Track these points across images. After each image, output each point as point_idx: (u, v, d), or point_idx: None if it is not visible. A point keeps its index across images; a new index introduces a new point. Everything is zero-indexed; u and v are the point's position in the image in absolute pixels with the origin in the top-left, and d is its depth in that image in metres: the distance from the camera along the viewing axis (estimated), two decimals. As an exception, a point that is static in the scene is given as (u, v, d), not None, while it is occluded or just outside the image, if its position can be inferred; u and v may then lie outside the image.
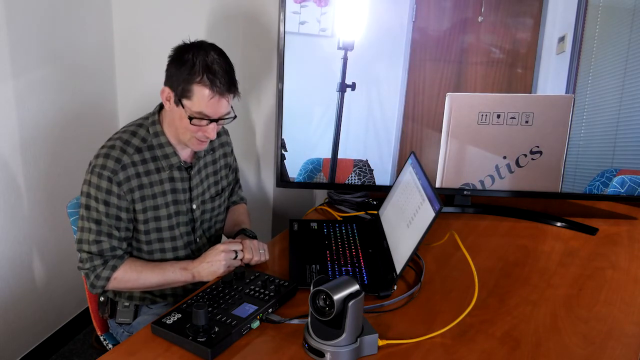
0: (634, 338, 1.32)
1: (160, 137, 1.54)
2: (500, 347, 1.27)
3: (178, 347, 1.23)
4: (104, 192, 1.47)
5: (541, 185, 1.93)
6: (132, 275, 1.52)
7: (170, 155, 1.55)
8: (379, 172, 1.95)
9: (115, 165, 1.48)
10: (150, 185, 1.53)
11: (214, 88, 1.41)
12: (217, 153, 1.71)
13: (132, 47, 2.37)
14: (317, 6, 1.80)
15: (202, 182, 1.65)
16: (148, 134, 1.55)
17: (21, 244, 2.10)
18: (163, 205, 1.56)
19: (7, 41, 1.89)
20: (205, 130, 1.47)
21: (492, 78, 1.85)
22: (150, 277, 1.53)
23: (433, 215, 1.36)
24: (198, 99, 1.42)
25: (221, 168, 1.73)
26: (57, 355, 2.35)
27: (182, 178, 1.59)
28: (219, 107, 1.44)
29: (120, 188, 1.48)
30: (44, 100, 2.09)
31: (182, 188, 1.59)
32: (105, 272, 1.49)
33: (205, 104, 1.42)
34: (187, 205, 1.61)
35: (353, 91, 1.85)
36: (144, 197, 1.52)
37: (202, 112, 1.43)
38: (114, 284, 1.52)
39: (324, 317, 1.18)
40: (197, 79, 1.41)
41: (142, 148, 1.53)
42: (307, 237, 1.74)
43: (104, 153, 1.50)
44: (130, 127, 1.56)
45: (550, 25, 1.80)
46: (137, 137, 1.54)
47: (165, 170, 1.55)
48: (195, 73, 1.41)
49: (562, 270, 1.62)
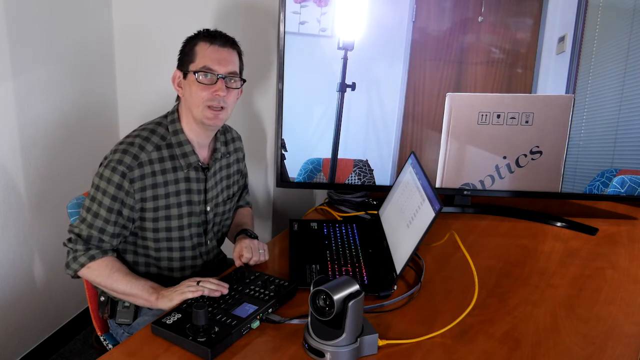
0: (634, 338, 1.32)
1: (179, 134, 1.55)
2: (500, 347, 1.27)
3: (178, 347, 1.23)
4: (114, 187, 1.47)
5: (541, 185, 1.93)
6: (104, 272, 1.50)
7: (189, 153, 1.56)
8: (379, 172, 1.95)
9: (132, 162, 1.48)
10: (164, 184, 1.53)
11: (213, 41, 1.50)
12: (232, 157, 1.73)
13: (133, 47, 2.37)
14: (317, 6, 1.80)
15: (216, 184, 1.66)
16: (167, 132, 1.55)
17: (21, 244, 2.10)
18: (175, 205, 1.56)
19: (8, 41, 1.89)
20: (215, 90, 1.49)
21: (492, 78, 1.85)
22: (118, 281, 1.49)
23: (433, 215, 1.36)
24: (201, 54, 1.50)
25: (234, 173, 1.74)
26: (57, 355, 2.35)
27: (198, 179, 1.59)
28: (221, 58, 1.50)
29: (132, 185, 1.48)
30: (44, 100, 2.09)
31: (197, 189, 1.59)
32: (83, 258, 1.50)
33: (208, 55, 1.49)
34: (202, 206, 1.62)
35: (353, 91, 1.86)
36: (156, 196, 1.52)
37: (206, 65, 1.49)
38: (86, 273, 1.51)
39: (324, 317, 1.18)
40: (197, 41, 1.52)
41: (161, 146, 1.53)
42: (307, 237, 1.74)
43: (122, 149, 1.50)
44: (149, 125, 1.57)
45: (550, 25, 1.80)
46: (157, 134, 1.54)
47: (182, 170, 1.55)
48: (196, 37, 1.53)
49: (562, 270, 1.62)
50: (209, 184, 1.62)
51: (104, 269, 1.51)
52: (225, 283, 1.42)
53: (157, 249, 1.59)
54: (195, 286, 1.40)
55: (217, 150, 1.65)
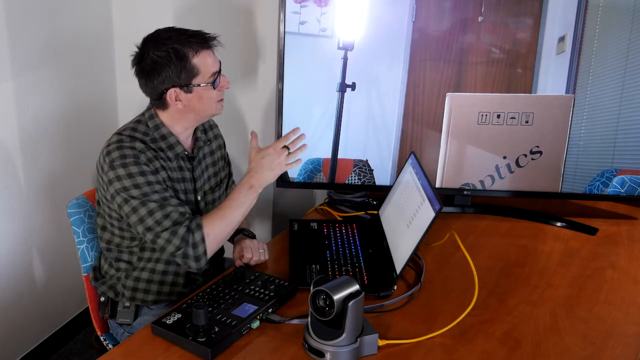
0: (634, 338, 1.32)
1: (161, 128, 1.55)
2: (500, 347, 1.27)
3: (178, 347, 1.23)
4: (139, 175, 1.45)
5: (541, 185, 1.93)
6: (220, 223, 1.48)
7: (175, 144, 1.56)
8: (379, 172, 1.95)
9: (133, 152, 1.47)
10: (170, 170, 1.54)
11: (202, 46, 1.49)
12: (214, 144, 1.73)
13: (133, 47, 2.37)
14: (317, 6, 1.80)
15: (203, 172, 1.66)
16: (148, 128, 1.55)
17: (21, 244, 2.10)
18: (180, 192, 1.56)
19: (7, 40, 1.89)
20: (222, 85, 1.54)
21: (492, 78, 1.85)
22: (233, 214, 1.49)
23: (433, 215, 1.36)
24: (203, 65, 1.49)
25: (219, 159, 1.75)
26: (57, 355, 2.35)
27: (187, 168, 1.60)
28: (214, 57, 1.54)
29: (149, 166, 1.47)
30: (44, 99, 2.09)
31: (189, 177, 1.60)
32: (197, 235, 1.44)
33: (209, 63, 1.51)
34: (193, 195, 1.62)
35: (353, 91, 1.85)
36: (165, 179, 1.51)
37: (212, 71, 1.52)
38: (210, 242, 1.46)
39: (324, 317, 1.18)
40: (188, 53, 1.47)
41: (146, 141, 1.53)
42: (307, 237, 1.74)
43: (116, 146, 1.48)
44: (128, 125, 1.57)
45: (550, 25, 1.80)
46: (139, 132, 1.54)
47: (172, 160, 1.56)
48: (183, 51, 1.47)
49: (562, 270, 1.62)
50: (197, 172, 1.63)
51: (217, 222, 1.48)
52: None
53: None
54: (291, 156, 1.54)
55: (199, 138, 1.65)
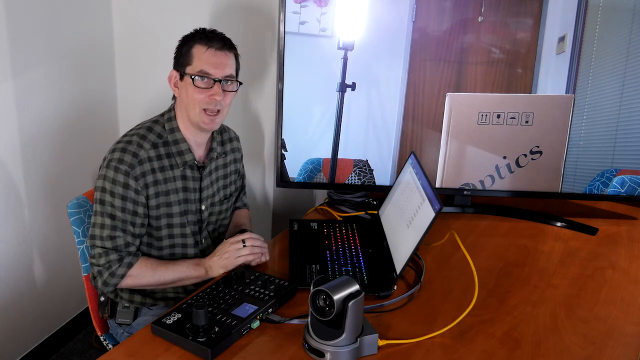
0: (634, 338, 1.32)
1: (175, 133, 1.56)
2: (500, 347, 1.27)
3: (178, 347, 1.23)
4: (120, 187, 1.47)
5: (541, 185, 1.93)
6: (148, 272, 1.52)
7: (185, 152, 1.56)
8: (379, 172, 1.95)
9: (132, 160, 1.48)
10: (164, 181, 1.54)
11: (210, 43, 1.49)
12: (229, 157, 1.73)
13: (132, 47, 2.37)
14: (317, 6, 1.80)
15: (212, 184, 1.66)
16: (164, 130, 1.56)
17: (21, 244, 2.10)
18: (176, 203, 1.56)
19: (8, 40, 1.89)
20: (212, 94, 1.49)
21: (492, 78, 1.85)
22: (165, 274, 1.53)
23: (433, 215, 1.36)
24: (197, 58, 1.49)
25: (231, 173, 1.74)
26: (57, 355, 2.35)
27: (193, 177, 1.59)
28: (218, 62, 1.49)
29: (137, 183, 1.48)
30: (44, 100, 2.09)
31: (193, 187, 1.60)
32: (121, 269, 1.49)
33: (205, 59, 1.48)
34: (197, 205, 1.62)
35: (353, 91, 1.86)
36: (158, 193, 1.53)
37: (203, 69, 1.48)
38: (129, 282, 1.51)
39: (324, 317, 1.18)
40: (194, 43, 1.50)
41: (157, 144, 1.54)
42: (307, 237, 1.74)
43: (121, 147, 1.50)
44: (146, 123, 1.58)
45: (550, 25, 1.80)
46: (154, 132, 1.55)
47: (178, 167, 1.56)
48: (192, 39, 1.51)
49: (562, 270, 1.62)
50: (204, 182, 1.62)
51: (146, 270, 1.52)
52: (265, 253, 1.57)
53: (159, 247, 1.59)
54: (244, 250, 1.49)
55: (213, 149, 1.65)
